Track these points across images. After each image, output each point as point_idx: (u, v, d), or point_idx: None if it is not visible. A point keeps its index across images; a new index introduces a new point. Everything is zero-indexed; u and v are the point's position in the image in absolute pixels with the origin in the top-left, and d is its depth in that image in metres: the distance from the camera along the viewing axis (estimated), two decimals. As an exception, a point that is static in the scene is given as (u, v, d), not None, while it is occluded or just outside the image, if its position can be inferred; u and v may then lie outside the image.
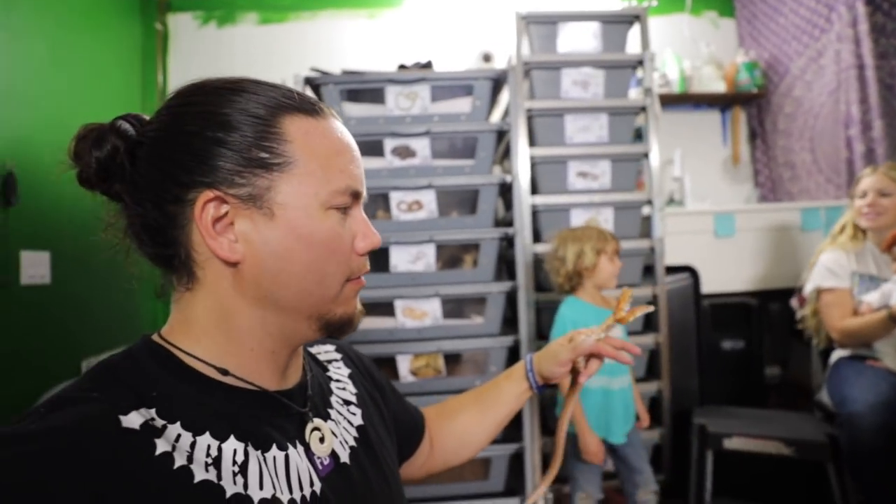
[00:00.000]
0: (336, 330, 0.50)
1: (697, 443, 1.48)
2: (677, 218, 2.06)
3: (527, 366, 0.71)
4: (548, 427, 1.74)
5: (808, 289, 1.65)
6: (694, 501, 1.43)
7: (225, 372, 0.46)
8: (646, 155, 1.77)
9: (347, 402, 0.58)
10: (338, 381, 0.60)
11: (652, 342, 1.74)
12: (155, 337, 0.48)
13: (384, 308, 1.68)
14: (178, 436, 0.41)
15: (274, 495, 0.43)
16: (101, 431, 0.38)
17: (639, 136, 1.91)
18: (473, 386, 1.29)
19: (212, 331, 0.47)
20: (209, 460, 0.41)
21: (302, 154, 0.46)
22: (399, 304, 1.66)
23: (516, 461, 1.70)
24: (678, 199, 2.45)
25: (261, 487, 0.43)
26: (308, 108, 0.48)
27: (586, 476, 1.42)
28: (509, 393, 0.72)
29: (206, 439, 0.42)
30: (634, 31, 1.82)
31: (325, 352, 0.64)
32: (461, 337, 1.67)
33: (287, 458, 0.46)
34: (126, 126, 0.46)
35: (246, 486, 0.42)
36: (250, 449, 0.44)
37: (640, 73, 1.82)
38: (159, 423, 0.41)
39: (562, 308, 1.46)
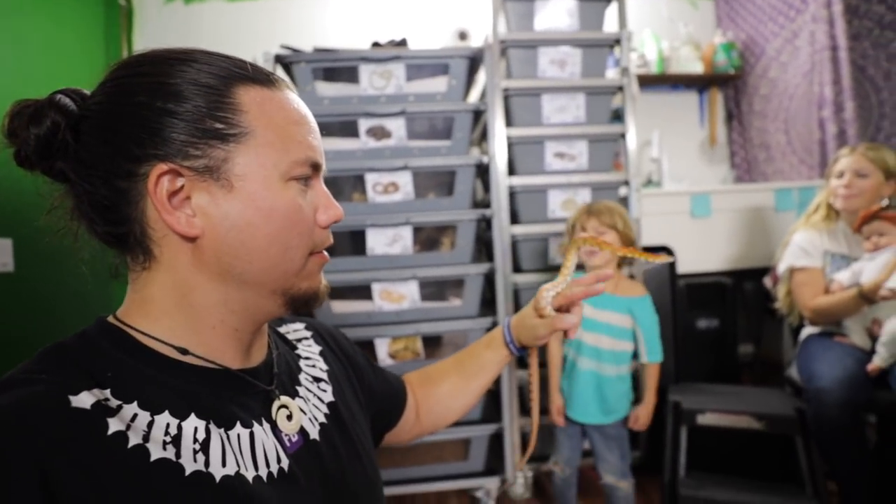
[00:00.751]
0: (301, 305, 0.50)
1: (672, 419, 1.51)
2: (654, 198, 2.07)
3: (506, 336, 0.71)
4: (526, 408, 1.75)
5: (782, 268, 1.68)
6: (668, 476, 1.46)
7: (185, 351, 0.45)
8: (623, 135, 1.77)
9: (317, 379, 0.58)
10: (307, 358, 0.59)
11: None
12: (110, 319, 0.47)
13: (361, 291, 1.67)
14: (135, 415, 0.41)
15: (238, 472, 0.43)
16: (49, 410, 0.38)
17: (616, 116, 1.91)
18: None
19: (171, 310, 0.46)
20: (167, 439, 0.41)
21: (258, 124, 0.44)
22: (376, 288, 1.64)
23: (496, 441, 1.72)
24: (656, 181, 2.47)
25: (223, 465, 0.42)
26: (262, 79, 0.47)
27: (563, 443, 1.46)
28: (491, 361, 0.73)
29: (164, 418, 0.42)
30: (612, 11, 1.80)
31: (295, 330, 0.63)
32: (439, 319, 1.66)
33: (252, 435, 0.46)
34: (66, 100, 0.43)
35: (207, 464, 0.42)
36: (212, 427, 0.44)
37: (617, 52, 1.81)
38: (114, 402, 0.40)
39: None
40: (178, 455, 0.40)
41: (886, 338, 1.41)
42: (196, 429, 0.42)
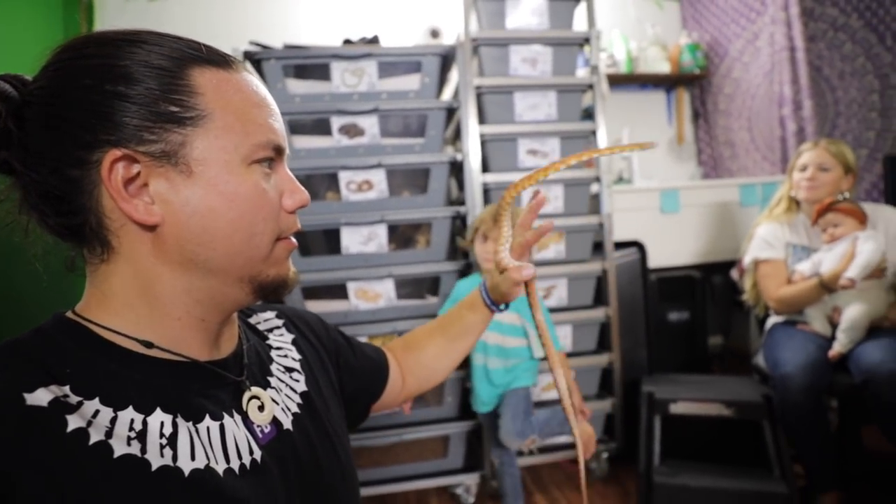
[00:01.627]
0: (270, 292, 0.49)
1: (646, 409, 1.54)
2: (625, 195, 2.11)
3: (485, 299, 0.72)
4: (504, 403, 1.76)
5: (747, 260, 1.74)
6: (644, 465, 1.49)
7: (149, 344, 0.44)
8: (594, 133, 1.80)
9: (290, 369, 0.57)
10: (279, 348, 0.58)
11: (602, 315, 1.79)
12: (69, 314, 0.45)
13: (337, 291, 1.65)
14: (97, 412, 0.39)
15: (208, 465, 0.42)
16: (2, 409, 0.36)
17: (587, 115, 1.94)
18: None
19: (133, 302, 0.44)
20: (132, 434, 0.40)
21: (216, 107, 0.43)
22: (352, 287, 1.63)
23: (474, 437, 1.72)
24: (627, 178, 2.52)
25: (192, 458, 0.42)
26: (218, 61, 0.45)
27: (489, 436, 1.49)
28: (474, 322, 0.74)
29: (128, 413, 0.40)
30: (581, 11, 1.83)
31: (266, 320, 0.62)
32: (416, 317, 1.66)
33: (223, 427, 0.45)
34: (5, 87, 0.41)
35: (175, 458, 0.41)
36: (179, 420, 0.43)
37: (587, 52, 1.84)
38: (74, 399, 0.39)
39: (459, 283, 1.55)
40: (143, 450, 0.39)
41: (845, 324, 1.47)
42: (163, 423, 0.41)
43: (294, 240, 0.50)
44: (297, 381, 0.56)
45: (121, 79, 0.41)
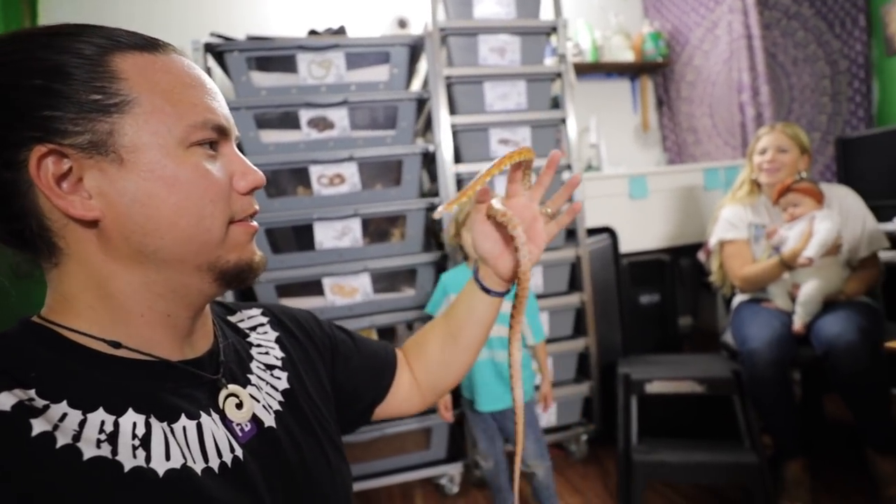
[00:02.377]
0: (234, 279, 0.47)
1: (622, 390, 1.58)
2: (595, 182, 2.15)
3: (478, 283, 0.64)
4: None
5: (712, 241, 1.80)
6: (622, 444, 1.53)
7: (117, 345, 0.42)
8: (563, 121, 1.82)
9: (271, 367, 0.55)
10: (259, 346, 0.57)
11: (577, 301, 1.82)
12: (35, 318, 0.44)
13: (312, 287, 1.62)
14: (64, 415, 0.38)
15: (184, 465, 0.41)
16: None
17: (556, 104, 1.96)
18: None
19: (93, 303, 0.43)
20: (102, 437, 0.38)
21: (142, 91, 0.41)
22: (327, 282, 1.61)
23: (457, 427, 1.73)
24: (595, 165, 2.56)
25: (167, 458, 0.40)
26: (142, 44, 0.43)
27: (479, 437, 1.44)
28: (472, 308, 0.65)
29: (98, 415, 0.39)
30: (547, 0, 1.84)
31: (250, 317, 0.60)
32: (393, 311, 1.65)
33: (200, 426, 0.44)
34: None
35: (148, 459, 0.39)
36: (153, 421, 0.41)
37: (554, 41, 1.86)
38: (40, 403, 0.37)
39: (443, 275, 1.50)
40: (114, 452, 0.38)
41: (802, 298, 1.54)
42: (135, 424, 0.40)
43: (254, 223, 0.49)
44: (279, 378, 0.55)
45: (39, 73, 0.39)
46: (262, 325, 0.60)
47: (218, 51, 1.54)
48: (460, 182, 1.74)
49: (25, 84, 0.39)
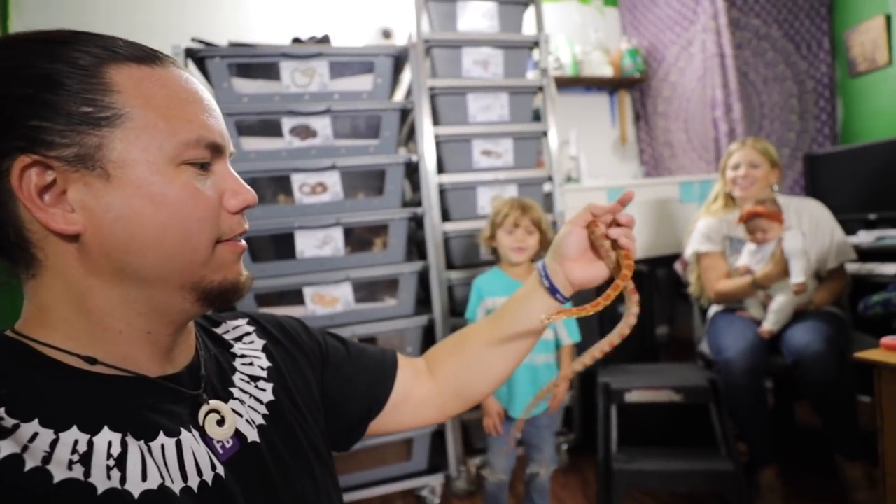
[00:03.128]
0: (218, 299, 0.45)
1: (602, 399, 1.60)
2: (575, 193, 2.18)
3: (540, 272, 0.62)
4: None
5: (688, 253, 1.84)
6: (602, 453, 1.54)
7: (93, 360, 0.41)
8: (545, 133, 1.85)
9: (255, 378, 0.54)
10: (243, 356, 0.55)
11: (558, 311, 1.83)
12: (8, 332, 0.42)
13: (292, 297, 1.60)
14: (35, 434, 0.36)
15: (162, 485, 0.39)
16: None
17: (537, 117, 1.99)
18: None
19: (70, 317, 0.41)
20: (75, 457, 0.37)
21: (135, 105, 0.40)
22: (308, 292, 1.59)
23: (438, 438, 1.72)
24: (575, 177, 2.60)
25: (143, 479, 0.39)
26: (140, 56, 0.42)
27: (494, 448, 1.43)
28: (532, 309, 0.62)
29: (71, 435, 0.37)
30: (529, 15, 1.88)
31: (235, 328, 0.58)
32: (375, 321, 1.64)
33: (179, 444, 0.42)
34: None
35: (123, 480, 0.38)
36: (129, 439, 0.40)
37: (536, 55, 1.89)
38: (9, 422, 0.36)
39: (476, 280, 1.47)
40: (87, 474, 0.36)
41: (774, 306, 1.59)
42: (110, 443, 0.39)
43: (242, 242, 0.47)
44: (264, 390, 0.54)
45: (30, 81, 0.38)
46: (247, 334, 0.58)
47: (199, 56, 1.53)
48: (443, 193, 1.75)
49: (14, 93, 0.38)
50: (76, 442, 0.37)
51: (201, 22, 2.19)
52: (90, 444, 0.38)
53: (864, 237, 1.94)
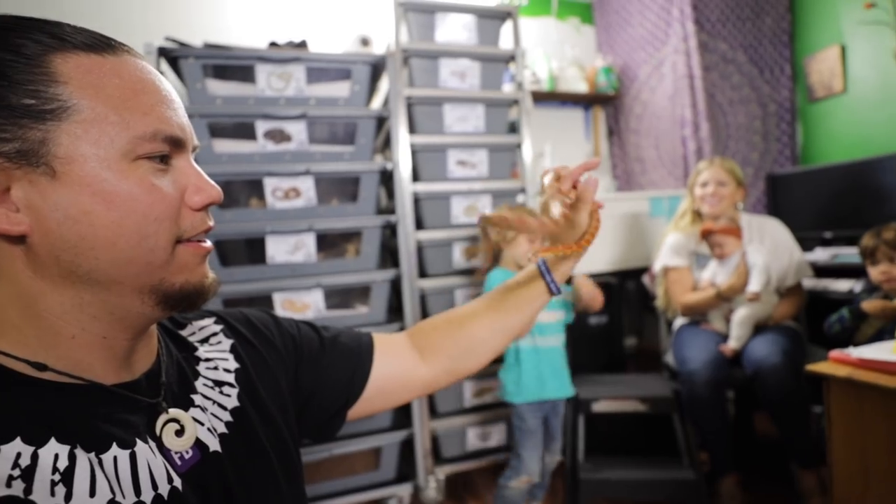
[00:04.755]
0: (180, 303, 0.43)
1: (571, 409, 1.62)
2: (549, 206, 2.22)
3: (545, 273, 0.67)
4: (436, 412, 1.77)
5: (657, 267, 1.89)
6: (570, 461, 1.56)
7: (42, 367, 0.39)
8: (519, 146, 1.88)
9: (220, 384, 0.52)
10: (208, 360, 0.53)
11: (529, 321, 1.85)
12: None
13: (262, 302, 1.58)
14: None
15: (112, 500, 0.37)
16: None
17: (512, 129, 2.02)
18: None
19: (18, 322, 0.39)
20: (15, 472, 0.34)
21: (83, 96, 0.38)
22: (278, 298, 1.57)
23: (406, 448, 1.71)
24: (550, 190, 2.65)
25: (91, 495, 0.36)
26: (90, 44, 0.39)
27: (533, 453, 1.42)
28: (529, 297, 0.67)
29: (13, 447, 0.35)
30: (507, 29, 1.91)
31: (202, 328, 0.56)
32: (346, 327, 1.62)
33: (133, 456, 0.40)
34: None
35: (69, 496, 0.36)
36: (78, 451, 0.37)
37: (512, 68, 1.93)
38: None
39: (491, 276, 1.51)
40: (28, 490, 0.34)
41: (737, 319, 1.65)
42: (57, 456, 0.36)
43: (207, 243, 0.45)
44: (228, 395, 0.52)
45: None
46: (214, 334, 0.56)
47: (172, 56, 1.50)
48: (418, 201, 1.75)
49: None
50: (18, 455, 0.35)
51: (179, 21, 2.15)
52: (34, 457, 0.35)
53: (821, 255, 2.03)
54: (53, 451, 0.36)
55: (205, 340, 0.55)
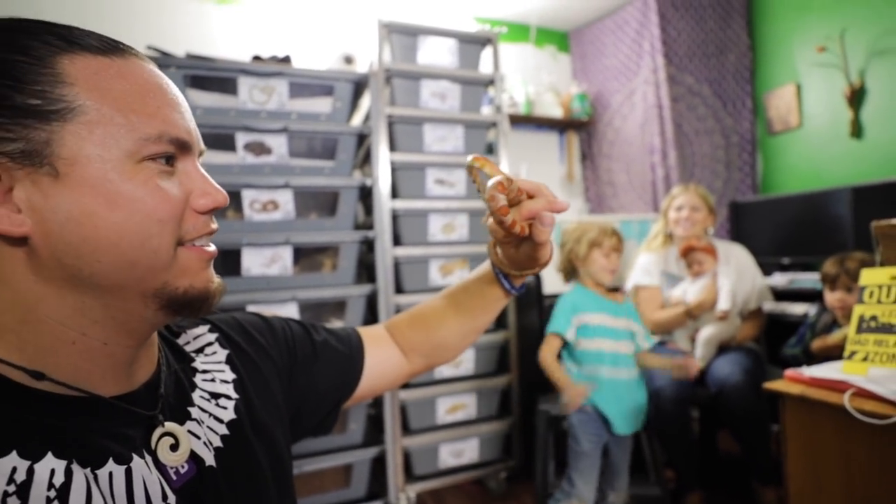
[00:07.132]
0: (184, 308, 0.42)
1: (542, 426, 1.64)
2: (524, 226, 2.27)
3: (496, 271, 0.64)
4: (409, 428, 1.76)
5: (628, 286, 1.95)
6: (540, 478, 1.57)
7: (39, 376, 0.38)
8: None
9: (216, 396, 0.51)
10: (205, 371, 0.52)
11: (501, 339, 1.88)
12: None
13: (234, 315, 1.56)
14: None
15: None
16: None
17: (490, 150, 2.08)
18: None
19: (16, 328, 0.38)
20: (11, 488, 0.33)
21: (90, 97, 0.37)
22: (252, 310, 1.55)
23: (378, 465, 1.70)
24: (525, 210, 2.71)
25: None
26: (98, 46, 0.39)
27: (589, 475, 1.38)
28: (494, 298, 0.67)
29: (9, 461, 0.34)
30: (487, 54, 1.98)
31: (196, 337, 0.54)
32: (334, 328, 1.61)
33: (129, 471, 0.39)
34: None
35: None
36: (75, 467, 0.36)
37: (491, 91, 1.99)
38: None
39: (565, 297, 1.54)
40: None
41: (702, 338, 1.71)
42: (53, 471, 0.35)
43: (211, 247, 0.45)
44: (225, 408, 0.51)
45: None
46: (210, 344, 0.55)
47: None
48: (396, 218, 1.77)
49: None
50: (14, 469, 0.34)
51: (165, 32, 2.15)
52: (30, 472, 0.34)
53: (779, 279, 2.13)
54: (50, 466, 0.36)
55: (200, 350, 0.54)
